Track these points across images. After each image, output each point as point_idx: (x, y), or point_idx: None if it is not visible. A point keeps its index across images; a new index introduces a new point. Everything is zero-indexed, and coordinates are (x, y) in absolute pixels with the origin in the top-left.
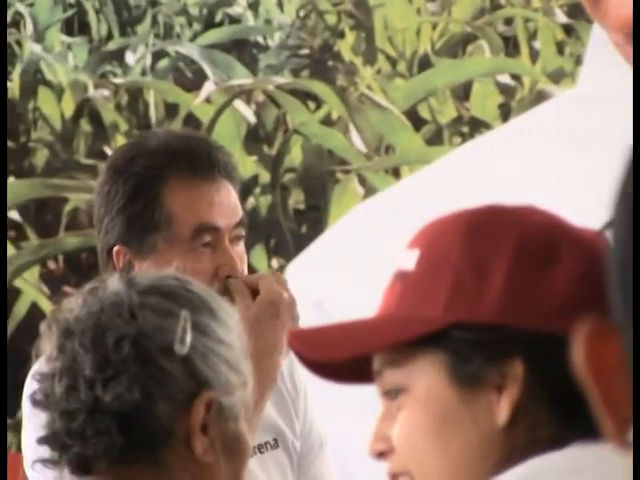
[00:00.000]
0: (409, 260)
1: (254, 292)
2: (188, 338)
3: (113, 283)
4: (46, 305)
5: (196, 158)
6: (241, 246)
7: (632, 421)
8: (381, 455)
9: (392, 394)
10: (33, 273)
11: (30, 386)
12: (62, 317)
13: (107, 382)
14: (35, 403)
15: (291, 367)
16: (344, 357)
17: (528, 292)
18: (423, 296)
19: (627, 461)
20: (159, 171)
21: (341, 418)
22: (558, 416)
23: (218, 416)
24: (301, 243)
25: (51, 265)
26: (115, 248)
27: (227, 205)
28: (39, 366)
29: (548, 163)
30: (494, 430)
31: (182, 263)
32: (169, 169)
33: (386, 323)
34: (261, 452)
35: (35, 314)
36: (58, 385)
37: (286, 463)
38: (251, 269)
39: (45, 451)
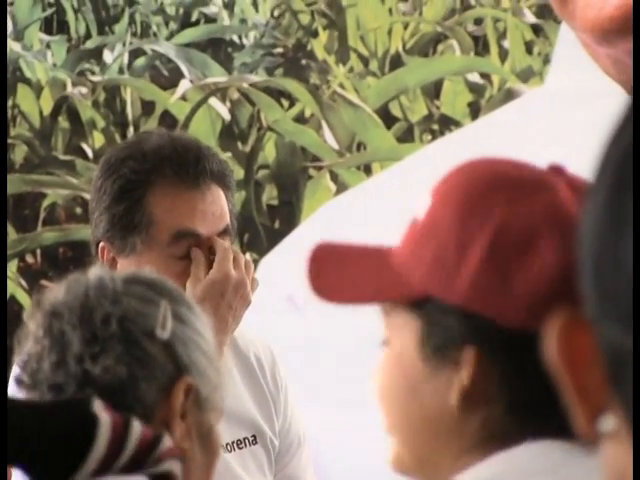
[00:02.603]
0: (422, 207)
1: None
2: (169, 324)
3: (95, 272)
4: (24, 298)
5: (183, 164)
6: None
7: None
8: None
9: (384, 344)
10: (11, 267)
11: (14, 372)
12: (47, 301)
13: (96, 356)
14: (21, 385)
15: (273, 366)
16: (343, 303)
17: (498, 283)
18: (414, 256)
19: (602, 454)
20: (145, 175)
21: (317, 411)
22: (514, 413)
23: (195, 404)
24: (274, 238)
25: (29, 259)
26: (100, 244)
27: (211, 213)
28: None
29: (515, 159)
30: (449, 412)
31: (159, 266)
32: (155, 174)
33: (378, 278)
34: (240, 448)
35: (13, 307)
36: (46, 362)
37: (264, 459)
38: None
39: None
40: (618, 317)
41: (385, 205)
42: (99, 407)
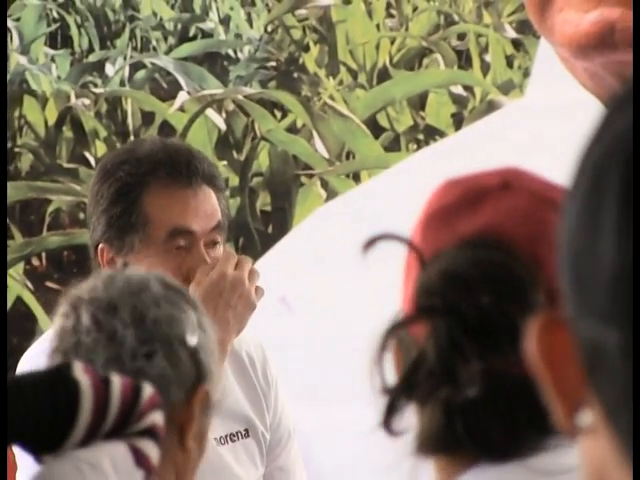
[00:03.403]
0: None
1: None
2: (197, 332)
3: (138, 272)
4: (30, 299)
5: (176, 166)
6: (218, 250)
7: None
8: None
9: None
10: (18, 269)
11: (37, 362)
12: (90, 296)
13: (149, 355)
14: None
15: (264, 363)
16: None
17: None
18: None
19: (580, 448)
20: (141, 178)
21: (308, 408)
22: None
23: (205, 409)
24: (267, 242)
25: (35, 262)
26: (99, 246)
27: (203, 210)
28: (46, 344)
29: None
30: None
31: (157, 263)
32: (150, 176)
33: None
34: (232, 441)
35: (20, 307)
36: (100, 355)
37: (256, 452)
38: None
39: None
40: (595, 314)
41: (373, 211)
42: (79, 371)
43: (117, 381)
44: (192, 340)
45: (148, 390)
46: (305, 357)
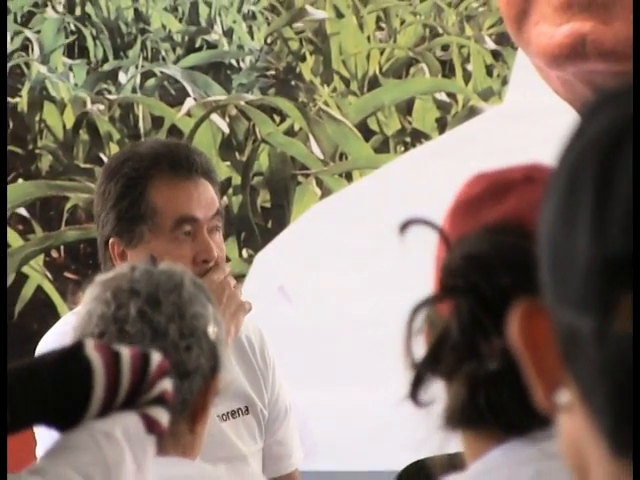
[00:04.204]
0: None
1: None
2: (217, 327)
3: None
4: (49, 288)
5: (177, 160)
6: (218, 235)
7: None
8: None
9: None
10: (38, 261)
11: (57, 344)
12: (131, 287)
13: (189, 349)
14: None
15: (262, 345)
16: None
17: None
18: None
19: (558, 424)
20: (145, 172)
21: (305, 389)
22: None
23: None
24: (267, 236)
25: (54, 254)
26: (110, 240)
27: (204, 199)
28: (65, 327)
29: (478, 168)
30: None
31: (166, 250)
32: (153, 170)
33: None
34: (234, 417)
35: (40, 296)
36: (144, 347)
37: (255, 427)
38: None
39: None
40: (570, 302)
41: (364, 208)
42: (91, 349)
43: (126, 355)
44: (213, 333)
45: (156, 358)
46: (301, 341)
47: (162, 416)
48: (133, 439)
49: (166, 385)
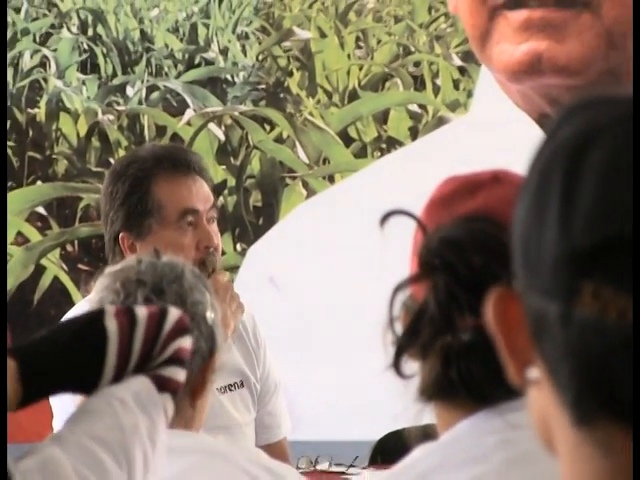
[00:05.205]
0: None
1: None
2: (213, 311)
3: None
4: (65, 278)
5: (176, 160)
6: (215, 225)
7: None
8: None
9: None
10: (55, 254)
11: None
12: (138, 278)
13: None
14: None
15: (254, 328)
16: None
17: None
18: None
19: (529, 397)
20: (149, 171)
21: (292, 368)
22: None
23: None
24: (258, 232)
25: (69, 248)
26: (120, 235)
27: (202, 193)
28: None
29: (446, 171)
30: None
31: (171, 239)
32: (156, 170)
33: None
34: (231, 390)
35: (56, 285)
36: None
37: (249, 399)
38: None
39: None
40: (539, 289)
41: (345, 206)
42: (110, 316)
43: (142, 320)
44: (210, 318)
45: (172, 317)
46: (289, 325)
47: (176, 373)
48: (145, 403)
49: (182, 343)
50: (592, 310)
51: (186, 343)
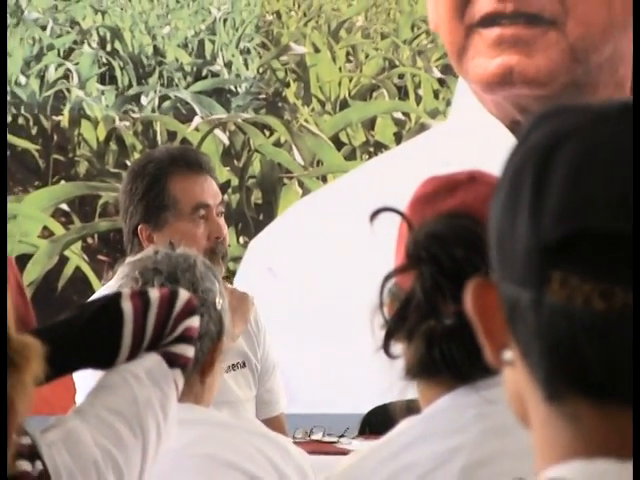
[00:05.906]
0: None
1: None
2: (222, 299)
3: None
4: (86, 268)
5: (189, 160)
6: (223, 218)
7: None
8: None
9: None
10: (77, 246)
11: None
12: (154, 267)
13: (200, 317)
14: None
15: (255, 314)
16: None
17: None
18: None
19: (504, 377)
20: (165, 170)
21: (289, 349)
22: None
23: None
24: (259, 227)
25: (89, 241)
26: (139, 227)
27: (212, 190)
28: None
29: (427, 173)
30: None
31: (185, 230)
32: (172, 168)
33: None
34: (234, 370)
35: (78, 274)
36: None
37: (250, 378)
38: None
39: None
40: (513, 278)
41: (337, 204)
42: (126, 298)
43: (155, 301)
44: (219, 304)
45: (182, 298)
46: (286, 310)
47: (186, 350)
48: (157, 378)
49: (191, 322)
50: (560, 297)
51: (194, 322)
